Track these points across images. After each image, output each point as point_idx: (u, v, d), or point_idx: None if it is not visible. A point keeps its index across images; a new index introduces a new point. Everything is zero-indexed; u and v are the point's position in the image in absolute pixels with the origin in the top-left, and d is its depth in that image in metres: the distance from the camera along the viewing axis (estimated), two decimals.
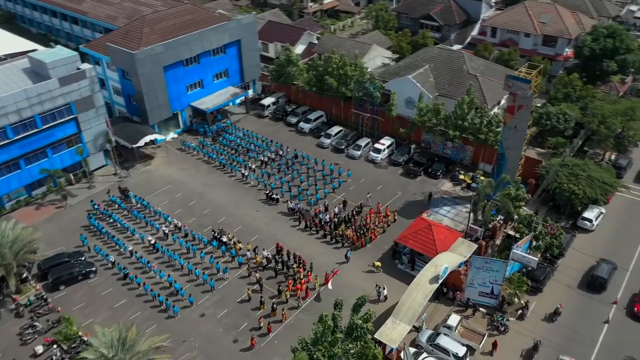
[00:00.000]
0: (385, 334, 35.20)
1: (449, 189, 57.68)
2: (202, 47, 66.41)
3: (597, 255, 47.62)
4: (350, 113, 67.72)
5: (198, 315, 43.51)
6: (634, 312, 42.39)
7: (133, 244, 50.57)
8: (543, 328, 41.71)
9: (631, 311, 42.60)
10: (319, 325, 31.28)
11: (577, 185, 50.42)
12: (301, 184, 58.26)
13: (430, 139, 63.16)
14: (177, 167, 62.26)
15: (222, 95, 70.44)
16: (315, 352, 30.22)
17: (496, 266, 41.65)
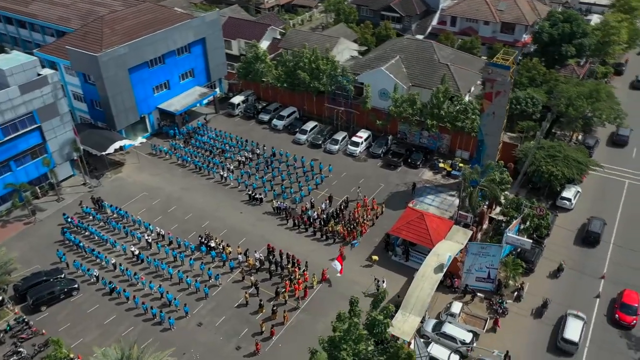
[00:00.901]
0: (397, 328, 34.95)
1: (430, 178, 58.20)
2: (166, 46, 63.91)
3: (572, 250, 49.17)
4: (323, 108, 67.13)
5: (195, 324, 41.86)
6: (614, 319, 41.02)
7: (115, 256, 48.09)
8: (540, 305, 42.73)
9: (612, 318, 41.27)
10: (339, 324, 30.54)
11: (555, 167, 51.97)
12: (283, 182, 57.21)
13: (406, 129, 63.49)
14: (150, 172, 59.74)
15: (190, 96, 68.16)
16: (340, 351, 29.40)
17: (492, 251, 42.24)
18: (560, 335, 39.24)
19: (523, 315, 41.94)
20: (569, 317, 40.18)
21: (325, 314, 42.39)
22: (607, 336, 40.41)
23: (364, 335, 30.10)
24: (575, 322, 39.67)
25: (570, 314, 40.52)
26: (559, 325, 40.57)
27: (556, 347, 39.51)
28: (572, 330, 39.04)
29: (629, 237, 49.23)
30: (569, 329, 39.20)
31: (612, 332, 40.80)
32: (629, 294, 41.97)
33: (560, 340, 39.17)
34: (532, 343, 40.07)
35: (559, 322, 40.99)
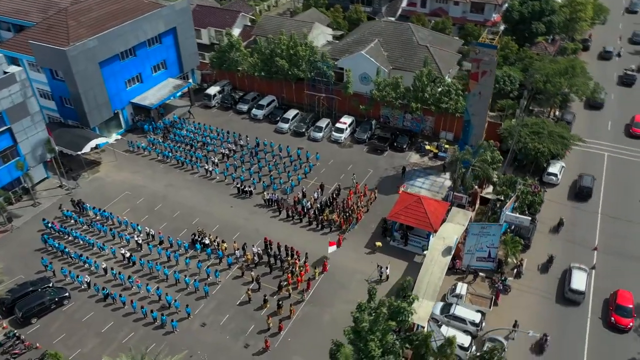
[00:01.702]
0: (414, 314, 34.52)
1: (418, 161, 58.22)
2: (137, 37, 61.02)
3: (568, 205, 50.55)
4: (303, 95, 65.94)
5: (199, 325, 40.51)
6: (610, 322, 39.81)
7: (104, 260, 45.92)
8: (540, 280, 43.49)
9: (608, 322, 40.05)
10: (360, 314, 29.93)
11: (541, 143, 52.82)
12: (270, 173, 55.98)
13: (389, 113, 63.19)
14: (130, 170, 57.26)
15: (164, 88, 65.56)
16: (368, 342, 28.85)
17: (492, 230, 42.56)
18: (567, 287, 41.71)
19: (525, 291, 42.58)
20: (573, 270, 42.62)
21: (330, 305, 41.90)
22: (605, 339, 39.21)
23: (393, 326, 29.65)
24: (579, 274, 42.19)
25: (574, 266, 42.91)
26: (565, 276, 43.06)
27: (564, 297, 41.81)
28: (578, 281, 41.62)
29: (615, 207, 50.73)
30: (574, 279, 41.76)
31: (609, 335, 39.52)
32: (622, 295, 40.60)
33: (568, 291, 41.62)
34: (540, 299, 41.54)
35: (564, 275, 43.37)
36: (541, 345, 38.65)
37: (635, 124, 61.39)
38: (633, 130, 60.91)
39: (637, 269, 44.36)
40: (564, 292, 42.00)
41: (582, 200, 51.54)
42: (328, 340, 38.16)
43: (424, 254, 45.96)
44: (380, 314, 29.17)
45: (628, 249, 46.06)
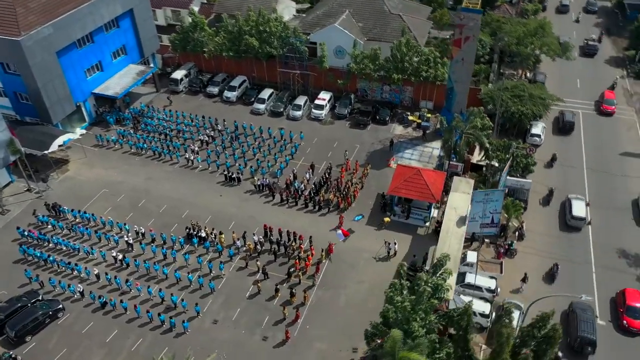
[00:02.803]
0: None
1: (402, 132, 57.61)
2: (94, 22, 56.33)
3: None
4: (276, 73, 63.50)
5: (210, 323, 38.58)
6: (623, 325, 37.53)
7: (94, 265, 42.80)
8: (541, 237, 44.28)
9: (620, 325, 37.74)
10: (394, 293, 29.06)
11: (523, 106, 53.33)
12: (255, 157, 53.78)
13: (366, 86, 62.03)
14: (103, 166, 53.44)
15: (127, 76, 61.29)
16: (411, 322, 28.08)
17: (495, 196, 42.37)
18: (569, 215, 45.26)
19: (529, 252, 43.19)
20: (572, 200, 46.32)
21: (343, 287, 41.00)
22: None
23: (435, 304, 29.00)
24: (578, 202, 46.07)
25: (572, 197, 46.77)
26: (564, 206, 46.76)
27: (567, 224, 45.29)
28: (578, 209, 45.32)
29: (598, 160, 52.32)
30: (575, 208, 45.36)
31: (622, 340, 37.29)
32: (632, 294, 38.36)
33: (570, 218, 45.08)
34: (543, 259, 42.34)
35: (563, 204, 47.17)
36: (552, 274, 40.88)
37: (606, 101, 59.97)
38: (604, 108, 59.54)
39: (625, 221, 46.11)
40: (566, 220, 45.47)
41: (566, 134, 56.52)
42: (347, 323, 37.94)
43: (426, 225, 45.83)
44: (425, 292, 28.38)
45: (615, 201, 47.72)
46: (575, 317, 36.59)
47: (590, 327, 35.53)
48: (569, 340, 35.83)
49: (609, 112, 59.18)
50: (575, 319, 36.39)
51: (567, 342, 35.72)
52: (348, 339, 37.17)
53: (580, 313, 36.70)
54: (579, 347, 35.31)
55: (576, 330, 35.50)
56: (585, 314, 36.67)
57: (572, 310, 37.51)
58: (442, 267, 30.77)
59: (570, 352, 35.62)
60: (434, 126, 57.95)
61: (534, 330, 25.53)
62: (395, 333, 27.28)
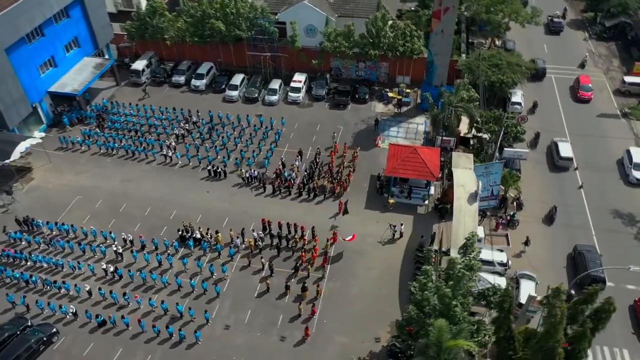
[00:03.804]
0: None
1: (384, 110, 56.39)
2: (42, 13, 51.13)
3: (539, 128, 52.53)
4: (244, 57, 60.36)
5: (222, 329, 36.42)
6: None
7: (82, 280, 39.42)
8: (540, 207, 44.60)
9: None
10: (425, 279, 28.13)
11: (503, 75, 53.22)
12: (237, 148, 51.09)
13: (340, 64, 60.20)
14: (72, 171, 49.19)
15: (83, 70, 56.47)
16: (452, 307, 27.22)
17: (494, 169, 42.42)
18: (557, 157, 48.37)
19: (529, 221, 43.37)
20: (558, 142, 49.28)
21: (353, 276, 39.78)
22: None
23: (472, 287, 28.22)
24: (564, 144, 49.01)
25: (557, 140, 49.75)
26: (551, 149, 49.75)
27: (555, 165, 48.39)
28: (565, 150, 48.40)
29: (575, 124, 53.26)
30: (562, 149, 48.39)
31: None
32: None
33: (558, 159, 48.20)
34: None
35: (549, 148, 50.10)
36: (551, 216, 43.20)
37: (582, 87, 57.05)
38: (581, 94, 56.66)
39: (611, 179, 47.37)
40: (555, 161, 48.52)
41: (539, 80, 59.79)
42: (364, 312, 36.91)
43: (425, 203, 45.16)
44: (463, 277, 27.51)
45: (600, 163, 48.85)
46: (582, 258, 38.71)
47: (598, 266, 37.53)
48: (580, 279, 37.27)
49: (586, 99, 56.46)
50: (583, 259, 38.49)
51: (579, 282, 37.15)
52: (368, 329, 36.17)
53: (587, 254, 38.84)
54: (589, 285, 36.30)
55: (586, 270, 37.20)
56: (592, 255, 38.89)
57: (579, 252, 39.57)
58: (472, 247, 29.98)
59: (583, 289, 36.05)
60: (414, 101, 57.12)
61: (583, 307, 25.28)
62: (440, 322, 26.27)
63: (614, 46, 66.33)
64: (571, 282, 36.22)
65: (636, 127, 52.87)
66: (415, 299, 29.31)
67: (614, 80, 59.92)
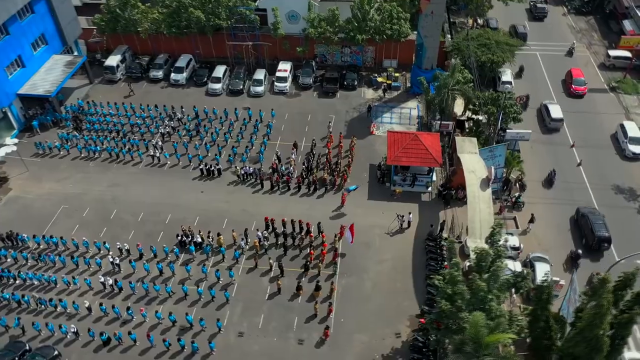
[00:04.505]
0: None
1: (374, 96, 55.01)
2: (7, 10, 47.43)
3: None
4: (225, 47, 57.72)
5: (236, 337, 34.76)
6: None
7: (78, 296, 36.95)
8: (542, 187, 44.39)
9: None
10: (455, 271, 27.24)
11: (493, 54, 52.55)
12: (228, 143, 48.88)
13: (325, 50, 58.38)
14: (52, 178, 46.09)
15: (54, 69, 52.88)
16: (488, 302, 26.36)
17: (498, 151, 41.80)
18: (548, 119, 49.86)
19: (534, 202, 43.02)
20: (548, 105, 50.55)
21: (365, 270, 38.65)
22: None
23: (510, 279, 27.39)
24: (554, 106, 50.52)
25: (546, 102, 51.00)
26: (541, 112, 51.31)
27: (547, 127, 49.79)
28: (555, 111, 49.87)
29: (568, 102, 53.22)
30: (552, 111, 49.79)
31: None
32: None
33: (550, 121, 49.63)
34: (550, 206, 42.81)
35: (539, 111, 51.55)
36: (550, 179, 44.38)
37: (575, 81, 54.06)
38: (574, 89, 53.69)
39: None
40: (546, 123, 50.04)
41: (523, 40, 59.52)
42: (380, 308, 36.03)
43: (429, 190, 44.30)
44: (499, 269, 26.63)
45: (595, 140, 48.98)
46: (587, 220, 39.72)
47: (603, 227, 38.78)
48: (586, 241, 39.27)
49: (580, 94, 53.50)
50: (588, 221, 39.48)
51: (585, 243, 39.16)
52: (387, 325, 35.21)
53: (591, 216, 39.78)
54: (596, 245, 38.53)
55: (592, 232, 38.62)
56: (596, 216, 39.86)
57: (582, 215, 40.49)
58: (499, 236, 29.15)
59: (589, 250, 38.91)
60: (403, 85, 55.97)
61: (623, 292, 24.79)
62: (476, 317, 25.39)
63: (593, 20, 66.58)
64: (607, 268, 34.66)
65: (625, 100, 53.21)
66: (445, 293, 28.29)
67: (597, 54, 60.18)
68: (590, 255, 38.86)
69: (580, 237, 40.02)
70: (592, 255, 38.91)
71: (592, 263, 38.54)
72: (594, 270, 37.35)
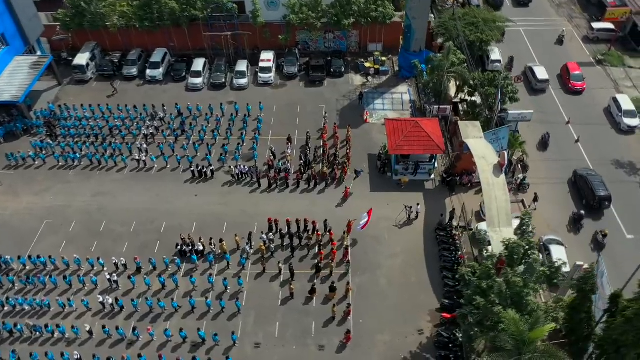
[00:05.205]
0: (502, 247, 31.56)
1: (362, 82, 53.18)
2: None
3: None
4: (202, 39, 54.58)
5: (252, 348, 32.92)
6: None
7: (76, 319, 34.25)
8: (543, 165, 43.80)
9: None
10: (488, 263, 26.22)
11: (482, 33, 51.44)
12: (217, 141, 46.34)
13: (307, 37, 56.05)
14: (30, 191, 42.67)
15: (18, 72, 48.85)
16: (524, 297, 25.37)
17: (502, 134, 40.84)
18: (534, 80, 50.99)
19: (538, 183, 42.38)
20: (533, 67, 51.87)
21: (377, 266, 37.29)
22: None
23: (546, 272, 26.41)
24: (539, 68, 51.79)
25: (531, 65, 52.51)
26: (526, 74, 52.20)
27: (533, 89, 50.93)
28: (541, 73, 51.18)
29: (557, 78, 52.81)
30: (538, 72, 51.10)
31: None
32: None
33: (536, 83, 50.80)
34: (553, 185, 42.49)
35: (525, 74, 52.28)
36: (545, 142, 45.27)
37: (573, 76, 50.99)
38: (573, 85, 50.76)
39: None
40: (533, 85, 51.07)
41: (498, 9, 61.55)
42: (398, 304, 34.83)
43: (432, 178, 43.14)
44: (535, 263, 25.61)
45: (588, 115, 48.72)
46: (586, 181, 40.43)
47: (602, 186, 39.67)
48: (586, 201, 40.15)
49: (579, 90, 50.61)
50: (588, 182, 40.18)
51: (585, 203, 40.11)
52: (408, 322, 34.07)
53: (590, 177, 40.56)
54: (597, 205, 39.38)
55: (592, 192, 39.42)
56: (594, 176, 40.67)
57: (580, 176, 41.24)
58: (529, 226, 28.13)
59: (590, 210, 39.76)
60: (391, 69, 54.39)
61: None
62: (510, 315, 24.25)
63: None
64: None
65: (613, 73, 53.16)
66: (479, 287, 27.13)
67: (579, 27, 59.93)
68: (591, 215, 39.73)
69: (580, 198, 40.83)
70: (593, 215, 39.80)
71: (594, 222, 39.45)
72: (597, 228, 38.39)
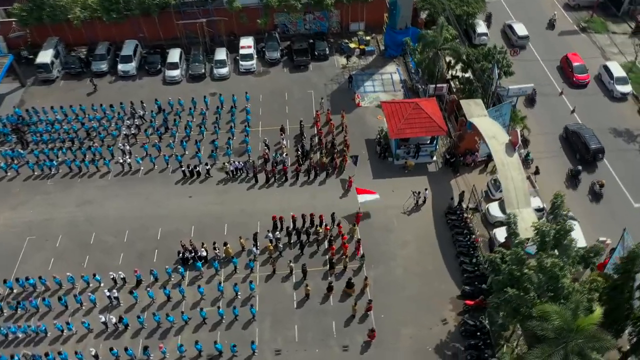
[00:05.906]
0: (523, 229, 30.55)
1: (350, 64, 51.11)
2: None
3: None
4: (175, 27, 51.13)
5: (274, 356, 31.15)
6: None
7: (77, 342, 31.63)
8: (544, 139, 43.15)
9: None
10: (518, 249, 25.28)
11: (468, 6, 50.12)
12: (204, 137, 43.61)
13: (286, 19, 53.44)
14: (6, 206, 39.15)
15: None
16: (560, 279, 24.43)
17: (504, 110, 39.88)
18: (514, 37, 52.01)
19: (541, 157, 41.68)
20: (512, 24, 52.88)
21: (391, 257, 35.94)
22: None
23: (584, 252, 25.52)
24: (518, 24, 52.51)
25: (510, 22, 53.20)
26: (505, 32, 53.67)
27: (514, 45, 51.40)
28: (520, 29, 51.99)
29: (545, 48, 52.12)
30: (517, 29, 52.04)
31: None
32: None
33: (517, 39, 51.65)
34: (555, 160, 42.01)
35: (503, 32, 53.86)
36: (532, 98, 45.78)
37: (577, 68, 47.94)
38: (577, 79, 47.68)
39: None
40: (513, 42, 51.87)
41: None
42: (418, 295, 33.90)
43: (434, 160, 41.90)
44: (571, 244, 24.69)
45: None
46: (578, 136, 41.07)
47: (595, 139, 40.43)
48: (580, 155, 40.85)
49: (584, 83, 47.71)
50: (580, 137, 40.83)
51: (579, 157, 40.86)
52: (430, 312, 32.99)
53: (581, 131, 41.18)
54: (591, 157, 40.20)
55: (586, 145, 40.17)
56: (585, 130, 41.33)
57: (572, 131, 41.84)
58: (562, 208, 27.13)
59: (585, 163, 40.51)
60: (377, 49, 52.52)
61: None
62: (549, 307, 23.30)
63: None
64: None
65: (598, 40, 52.85)
66: (512, 275, 26.04)
67: None
68: (586, 168, 40.56)
69: (573, 153, 41.58)
70: (588, 168, 40.67)
71: (588, 175, 40.42)
72: (594, 179, 39.66)
